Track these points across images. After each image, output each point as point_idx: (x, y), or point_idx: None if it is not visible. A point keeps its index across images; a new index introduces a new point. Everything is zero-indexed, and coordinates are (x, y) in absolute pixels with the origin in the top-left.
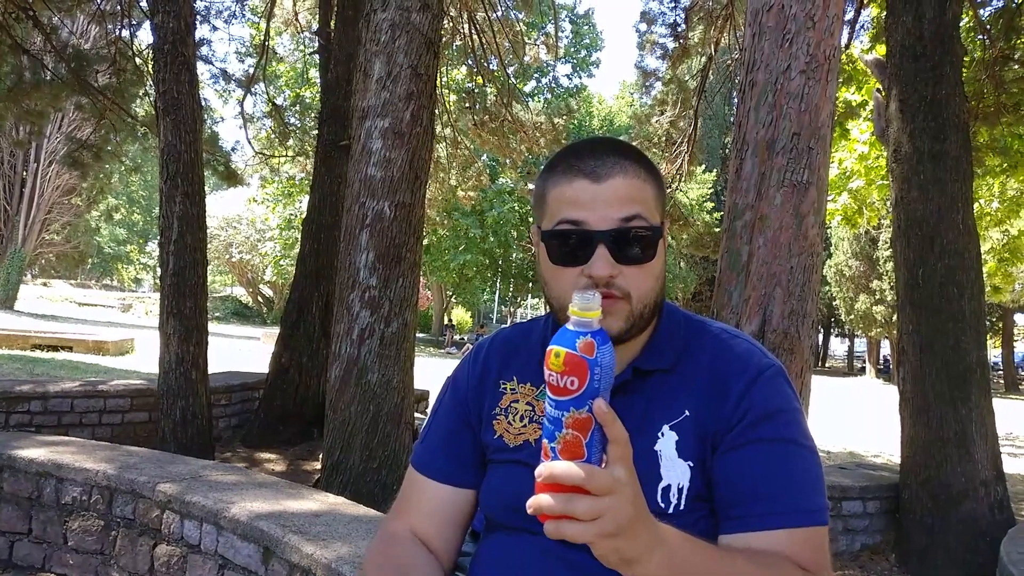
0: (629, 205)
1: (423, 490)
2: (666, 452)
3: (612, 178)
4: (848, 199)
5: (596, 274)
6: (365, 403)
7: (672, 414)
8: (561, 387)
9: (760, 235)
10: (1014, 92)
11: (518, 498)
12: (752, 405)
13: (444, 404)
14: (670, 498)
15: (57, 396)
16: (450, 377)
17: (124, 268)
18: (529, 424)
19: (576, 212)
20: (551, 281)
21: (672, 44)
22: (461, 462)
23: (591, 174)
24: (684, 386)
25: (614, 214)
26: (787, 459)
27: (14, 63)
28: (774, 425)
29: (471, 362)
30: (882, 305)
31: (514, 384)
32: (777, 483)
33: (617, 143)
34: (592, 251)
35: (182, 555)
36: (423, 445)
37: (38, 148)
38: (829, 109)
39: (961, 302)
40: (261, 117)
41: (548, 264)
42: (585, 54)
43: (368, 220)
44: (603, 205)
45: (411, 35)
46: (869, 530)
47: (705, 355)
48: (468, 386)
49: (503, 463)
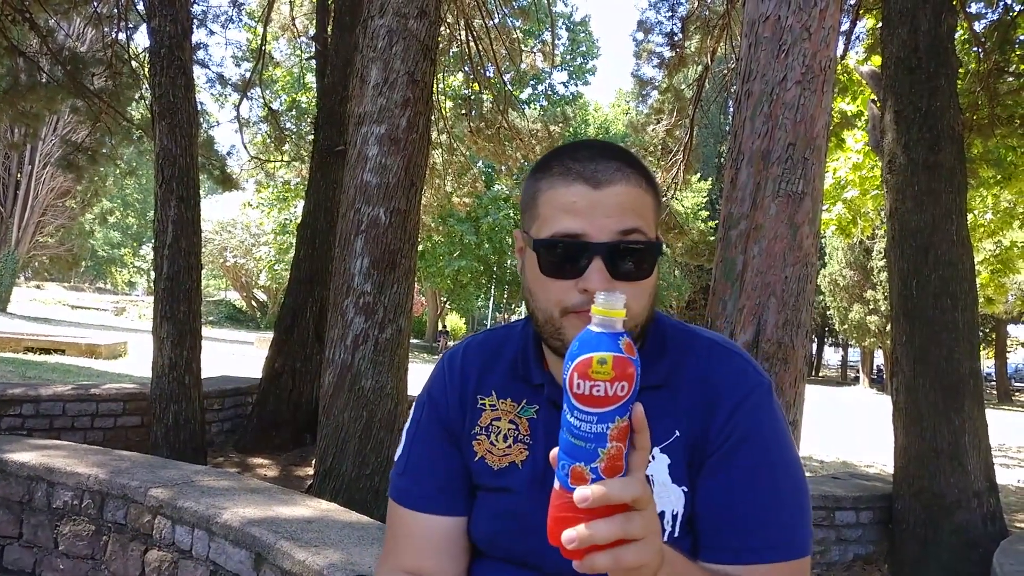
0: (629, 217)
1: (412, 525)
2: (658, 477)
3: (613, 185)
4: (843, 209)
5: (592, 288)
6: (359, 409)
7: (662, 435)
8: (611, 396)
9: (755, 244)
10: (1008, 104)
11: (507, 533)
12: (736, 427)
13: (421, 426)
14: (664, 526)
15: (49, 399)
16: (422, 395)
17: (118, 271)
18: (514, 444)
19: (572, 221)
20: (538, 292)
21: (669, 53)
22: (450, 487)
23: (590, 179)
24: (673, 403)
25: (613, 226)
26: (767, 487)
27: (10, 65)
28: (756, 449)
29: (445, 375)
30: (876, 315)
31: (493, 400)
32: (757, 516)
33: (618, 148)
34: (587, 264)
35: (173, 560)
36: (403, 477)
37: (33, 150)
38: (825, 120)
39: (955, 313)
40: (257, 122)
41: (536, 274)
42: (581, 62)
43: (363, 226)
44: (602, 215)
45: (408, 42)
46: (862, 540)
47: (695, 370)
48: (447, 403)
49: (488, 491)
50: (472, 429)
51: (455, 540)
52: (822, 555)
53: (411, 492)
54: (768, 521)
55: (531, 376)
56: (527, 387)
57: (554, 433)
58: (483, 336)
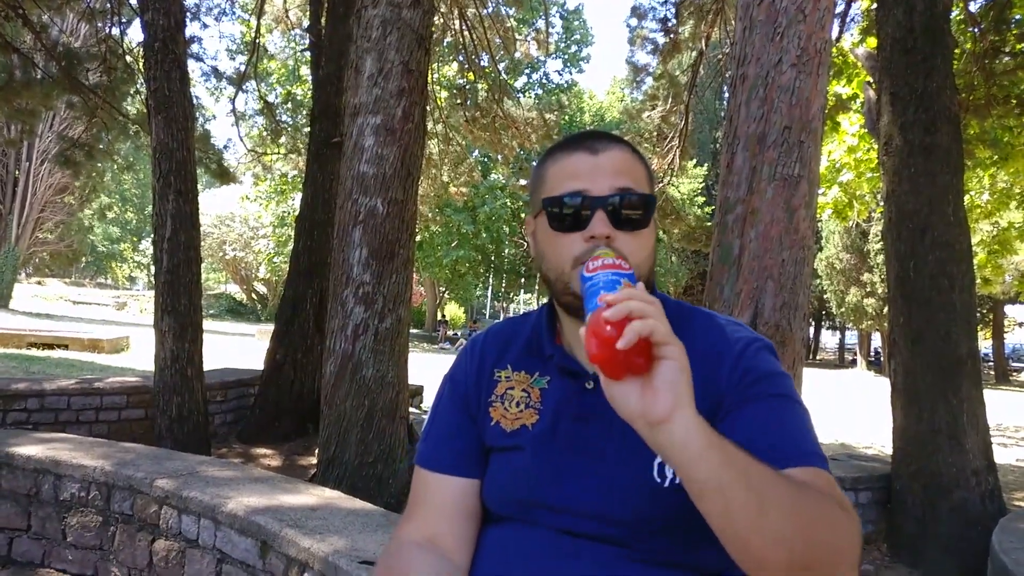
0: (625, 176)
1: (431, 487)
2: None
3: (609, 151)
4: (838, 192)
5: (596, 233)
6: (360, 398)
7: None
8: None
9: (752, 229)
10: (1004, 84)
11: (512, 487)
12: (748, 368)
13: (443, 400)
14: (666, 472)
15: (54, 394)
16: (447, 375)
17: (118, 266)
18: (525, 409)
19: (575, 182)
20: (549, 252)
21: (663, 39)
22: (466, 453)
23: (589, 148)
24: None
25: (612, 182)
26: (788, 413)
27: (4, 62)
28: (772, 384)
29: (467, 357)
30: (873, 298)
31: (508, 372)
32: (782, 433)
33: (611, 133)
34: (591, 216)
35: (181, 550)
36: (426, 443)
37: (30, 147)
38: (820, 102)
39: (952, 294)
40: (253, 115)
41: (547, 235)
42: (576, 49)
43: (361, 217)
44: (601, 175)
45: (402, 31)
46: (861, 520)
47: (699, 336)
48: (466, 380)
49: (501, 451)
50: (489, 398)
51: (468, 502)
52: None
53: (431, 456)
54: (792, 437)
55: (543, 348)
56: (540, 360)
57: (563, 401)
58: (504, 322)
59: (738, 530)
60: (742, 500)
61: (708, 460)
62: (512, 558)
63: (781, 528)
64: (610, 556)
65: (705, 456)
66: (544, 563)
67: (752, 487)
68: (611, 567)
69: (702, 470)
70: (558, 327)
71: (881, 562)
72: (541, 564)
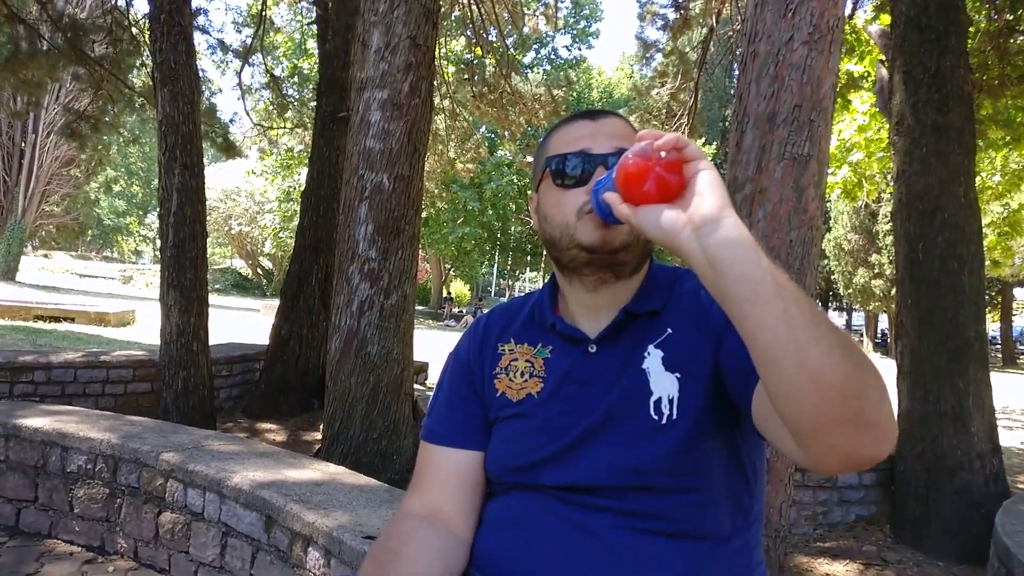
0: (624, 139)
1: (435, 459)
2: (653, 367)
3: (608, 118)
4: (848, 172)
5: None
6: (365, 374)
7: (655, 335)
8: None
9: (760, 208)
10: (1019, 64)
11: (516, 452)
12: None
13: (448, 376)
14: (662, 409)
15: (60, 367)
16: (452, 352)
17: (124, 240)
18: (530, 379)
19: (578, 143)
20: (553, 212)
21: (673, 15)
22: (470, 425)
23: (590, 116)
24: (668, 315)
25: (612, 143)
26: None
27: (10, 33)
28: None
29: (472, 334)
30: (881, 279)
31: (512, 345)
32: None
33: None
34: (592, 171)
35: (186, 523)
36: (431, 417)
37: (36, 119)
38: (831, 81)
39: (961, 276)
40: (259, 88)
41: (551, 196)
42: (585, 25)
43: (367, 192)
44: (602, 136)
45: (410, 5)
46: (864, 501)
47: (689, 289)
48: (470, 356)
49: (506, 419)
50: (493, 371)
51: (471, 474)
52: (824, 516)
53: (435, 429)
54: None
55: (545, 318)
56: (542, 331)
57: (565, 369)
58: (508, 302)
59: (797, 335)
60: (800, 302)
61: (761, 257)
62: (512, 526)
63: (836, 340)
64: (614, 524)
65: (759, 253)
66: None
67: (803, 295)
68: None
69: (758, 267)
70: (559, 299)
71: (884, 543)
72: (542, 528)
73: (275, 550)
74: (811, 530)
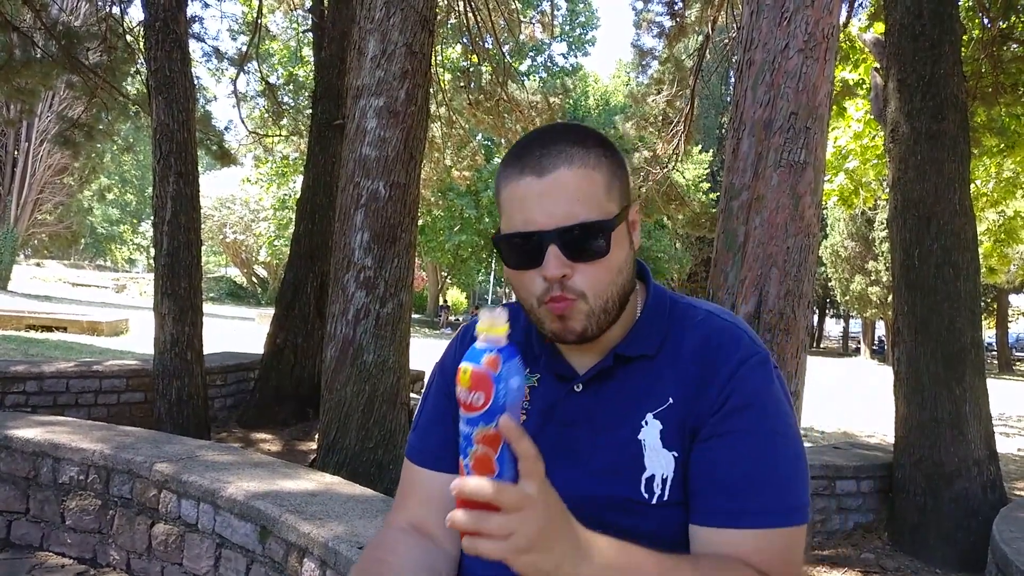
0: (575, 202)
1: (418, 479)
2: (650, 442)
3: (556, 170)
4: (844, 179)
5: (549, 275)
6: (361, 383)
7: (656, 402)
8: (469, 403)
9: (756, 215)
10: (1012, 72)
11: None
12: (733, 392)
13: (432, 391)
14: (654, 488)
15: (52, 376)
16: (437, 364)
17: (117, 248)
18: None
19: (524, 213)
20: (515, 285)
21: (669, 22)
22: (453, 448)
23: (536, 167)
24: (668, 372)
25: (561, 212)
26: (764, 452)
27: (4, 40)
28: (754, 415)
29: (457, 347)
30: (877, 286)
31: None
32: (749, 478)
33: (568, 128)
34: (544, 252)
35: (180, 534)
36: (415, 434)
37: (29, 127)
38: (827, 88)
39: (957, 283)
40: (254, 96)
41: (508, 269)
42: (581, 32)
43: (363, 200)
44: (549, 202)
45: (406, 12)
46: (862, 509)
47: (691, 340)
48: (454, 370)
49: None
50: None
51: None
52: (823, 524)
53: (418, 449)
54: (765, 485)
55: (533, 347)
56: (531, 356)
57: (552, 396)
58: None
59: None
60: None
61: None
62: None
63: None
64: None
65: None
66: None
67: None
68: None
69: None
70: None
71: (882, 551)
72: None
73: (270, 561)
74: (809, 538)
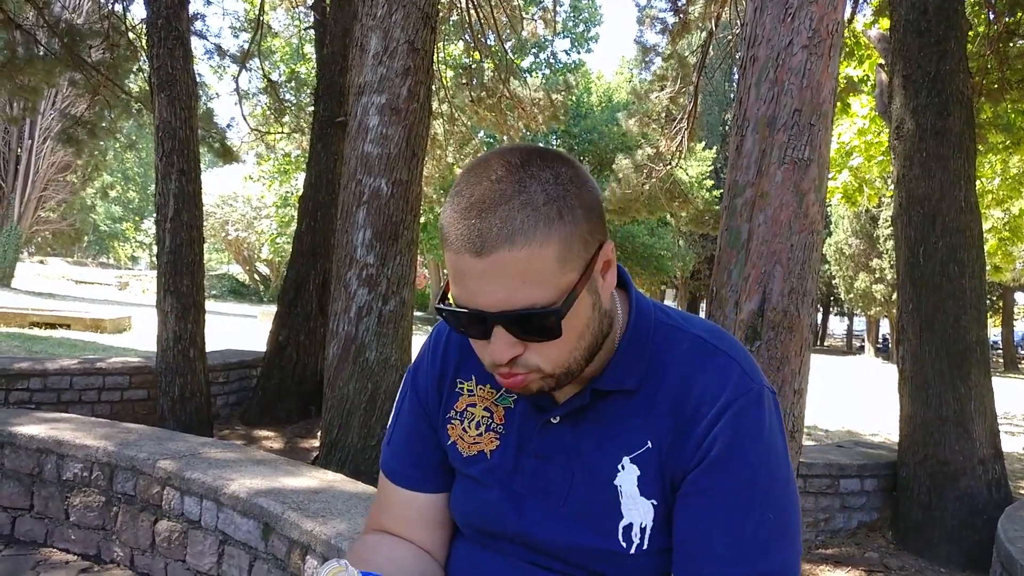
0: (520, 287)
1: (395, 496)
2: (627, 489)
3: (497, 251)
4: (849, 177)
5: (497, 360)
6: (363, 381)
7: (634, 445)
8: None
9: (760, 213)
10: (1018, 68)
11: (478, 517)
12: (715, 443)
13: (406, 401)
14: (632, 537)
15: (56, 373)
16: (410, 370)
17: (120, 246)
18: (485, 433)
19: (466, 291)
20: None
21: (672, 19)
22: (428, 467)
23: (474, 243)
24: (648, 410)
25: (502, 295)
26: (747, 514)
27: (7, 38)
28: (738, 468)
29: (430, 353)
30: (882, 284)
31: (472, 385)
32: (728, 541)
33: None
34: (490, 329)
35: (183, 531)
36: (389, 448)
37: (32, 125)
38: (831, 85)
39: (962, 280)
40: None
41: None
42: (583, 29)
43: (365, 197)
44: (490, 286)
45: (408, 9)
46: (866, 508)
47: (674, 373)
48: (428, 383)
49: (462, 476)
50: (447, 413)
51: (431, 514)
52: (827, 522)
53: (391, 466)
54: (745, 551)
55: None
56: None
57: (528, 425)
58: None
59: None
60: None
61: None
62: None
63: None
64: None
65: None
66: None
67: None
68: None
69: None
70: None
71: (886, 549)
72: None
73: (273, 558)
74: (813, 537)
